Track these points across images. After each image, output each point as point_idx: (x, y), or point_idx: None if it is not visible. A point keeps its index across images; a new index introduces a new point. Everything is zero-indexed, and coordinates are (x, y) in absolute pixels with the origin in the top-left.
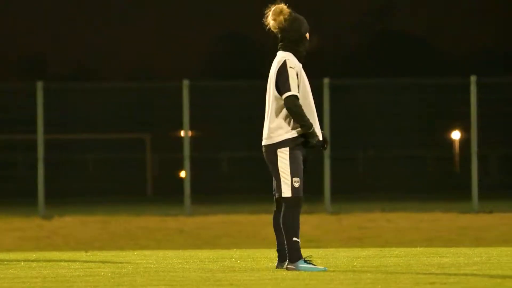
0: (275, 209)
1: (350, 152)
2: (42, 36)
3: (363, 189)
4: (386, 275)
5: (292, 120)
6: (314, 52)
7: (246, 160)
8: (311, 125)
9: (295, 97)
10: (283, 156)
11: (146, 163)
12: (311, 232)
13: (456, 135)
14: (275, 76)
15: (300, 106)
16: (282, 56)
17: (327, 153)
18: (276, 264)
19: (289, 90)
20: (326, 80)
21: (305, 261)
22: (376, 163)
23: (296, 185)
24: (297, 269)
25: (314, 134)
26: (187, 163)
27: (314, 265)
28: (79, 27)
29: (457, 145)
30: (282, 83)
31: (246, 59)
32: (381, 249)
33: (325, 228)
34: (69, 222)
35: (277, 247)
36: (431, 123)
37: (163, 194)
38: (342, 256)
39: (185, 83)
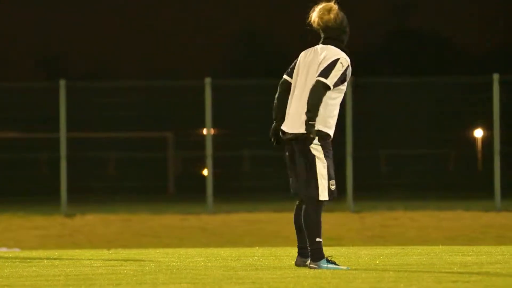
0: (297, 205)
1: (372, 151)
2: (65, 35)
3: (385, 187)
4: (408, 273)
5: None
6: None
7: (268, 159)
8: (315, 120)
9: (326, 87)
10: (319, 156)
11: (168, 161)
12: (334, 230)
13: (478, 133)
14: (324, 63)
15: (322, 97)
16: (335, 51)
17: (349, 151)
18: (296, 260)
19: (327, 78)
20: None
21: (328, 261)
22: (399, 162)
23: (333, 187)
24: (319, 268)
25: (313, 127)
26: (209, 161)
27: (337, 264)
28: (101, 25)
29: (479, 143)
30: (326, 70)
31: (268, 58)
32: (403, 247)
33: (347, 227)
34: (91, 220)
35: (299, 244)
36: (454, 121)
37: (185, 193)
38: (364, 254)
39: (208, 81)
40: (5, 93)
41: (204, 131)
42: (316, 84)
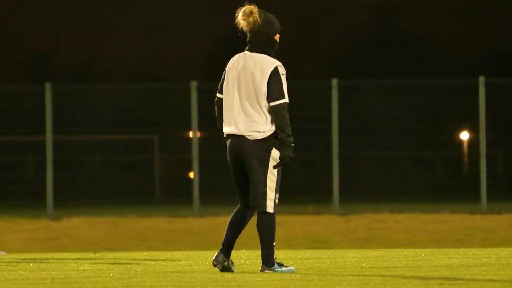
0: (240, 208)
1: (358, 153)
2: (49, 37)
3: (371, 190)
4: (395, 276)
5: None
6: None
7: None
8: (291, 139)
9: (285, 106)
10: (272, 170)
11: (154, 164)
12: (320, 233)
13: (464, 136)
14: (265, 78)
15: (287, 116)
16: (269, 60)
17: (335, 154)
18: (218, 257)
19: (284, 97)
20: (334, 81)
21: (277, 264)
22: (385, 164)
23: (277, 201)
24: (274, 271)
25: (291, 147)
26: (195, 164)
27: (286, 266)
28: (86, 28)
29: (465, 146)
30: (277, 89)
31: None
32: (389, 250)
33: (333, 229)
34: (78, 223)
35: (225, 240)
36: (440, 124)
37: (171, 195)
38: (350, 257)
39: (193, 84)
40: None
41: (190, 134)
42: (277, 108)
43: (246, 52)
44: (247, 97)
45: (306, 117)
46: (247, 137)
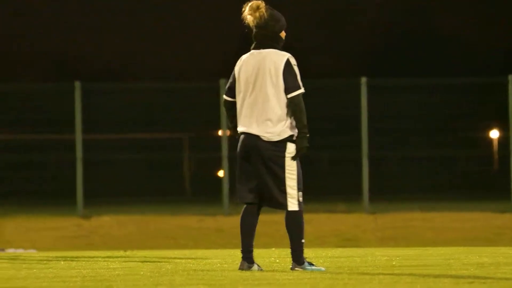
0: (248, 209)
1: (388, 151)
2: (80, 36)
3: (401, 188)
4: (425, 274)
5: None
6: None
7: None
8: (307, 129)
9: (301, 96)
10: (291, 165)
11: (184, 162)
12: (350, 231)
13: (494, 134)
14: (280, 72)
15: (303, 105)
16: (279, 53)
17: (365, 152)
18: (243, 266)
19: (300, 88)
20: (363, 79)
21: (308, 263)
22: (414, 162)
23: (301, 199)
24: (304, 269)
25: (306, 137)
26: (225, 162)
27: (315, 265)
28: (116, 27)
29: (495, 144)
30: (292, 80)
31: None
32: (419, 248)
33: (363, 228)
34: (107, 222)
35: (244, 248)
36: (470, 122)
37: (201, 194)
38: (380, 255)
39: (222, 82)
40: (21, 95)
41: (220, 132)
42: (295, 99)
43: (253, 51)
44: (262, 95)
45: (335, 116)
46: (262, 137)
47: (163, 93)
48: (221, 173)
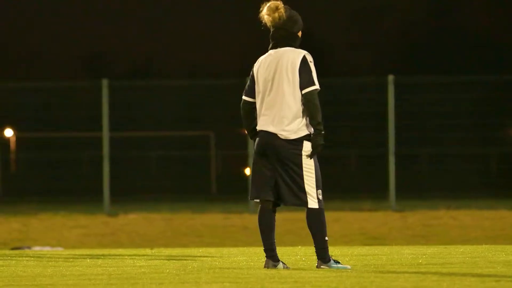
0: (264, 207)
1: (414, 149)
2: (107, 34)
3: (427, 186)
4: (451, 273)
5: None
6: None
7: None
8: (322, 126)
9: (316, 92)
10: (308, 163)
11: (210, 160)
12: (376, 229)
13: None
14: (296, 69)
15: (318, 102)
16: (295, 51)
17: (391, 150)
18: (268, 264)
19: (315, 84)
20: (390, 77)
21: (333, 260)
22: (441, 160)
23: (320, 197)
24: (330, 267)
25: (322, 134)
26: (251, 160)
27: (341, 264)
28: (144, 25)
29: None
30: (307, 76)
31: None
32: (446, 246)
33: (389, 226)
34: (134, 220)
35: (266, 247)
36: (497, 120)
37: (227, 192)
38: (407, 253)
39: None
40: (48, 93)
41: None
42: (309, 95)
43: (270, 51)
44: (279, 93)
45: (363, 114)
46: (279, 135)
47: (190, 91)
48: (247, 171)
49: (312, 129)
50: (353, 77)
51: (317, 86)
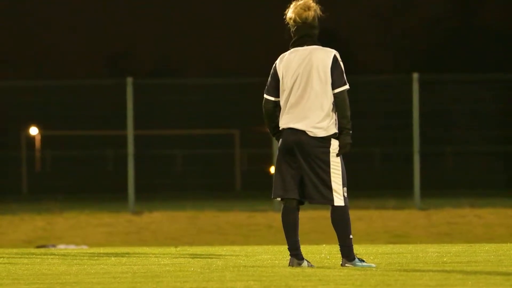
0: (288, 206)
1: (439, 147)
2: (132, 32)
3: (452, 184)
4: (476, 271)
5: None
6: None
7: None
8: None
9: (347, 92)
10: (336, 161)
11: (235, 158)
12: (400, 227)
13: None
14: (328, 68)
15: (348, 102)
16: (326, 50)
17: (416, 148)
18: (292, 263)
19: (346, 84)
20: (415, 75)
21: (358, 259)
22: (466, 158)
23: (346, 194)
24: (355, 265)
25: (350, 134)
26: (276, 158)
27: (366, 262)
28: (168, 23)
29: None
30: (339, 76)
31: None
32: (470, 245)
33: (414, 224)
34: (158, 218)
35: (290, 245)
36: None
37: (252, 189)
38: (431, 251)
39: None
40: (72, 91)
41: None
42: (341, 95)
43: (296, 48)
44: (309, 91)
45: (387, 112)
46: (308, 133)
47: (214, 89)
48: (272, 169)
49: (339, 128)
50: (377, 75)
51: (347, 86)
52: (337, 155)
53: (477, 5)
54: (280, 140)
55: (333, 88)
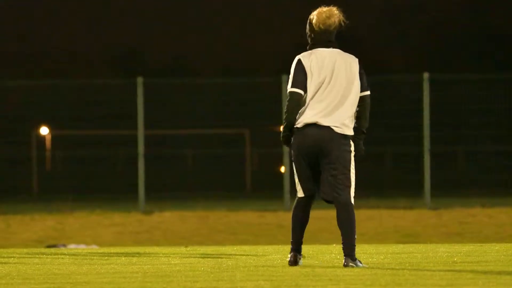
0: (302, 201)
1: (449, 147)
2: (141, 32)
3: (463, 184)
4: (486, 271)
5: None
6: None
7: None
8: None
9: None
10: (353, 160)
11: (245, 158)
12: (411, 227)
13: None
14: (356, 71)
15: None
16: (351, 55)
17: (426, 148)
18: (292, 258)
19: (369, 89)
20: (425, 75)
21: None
22: (476, 158)
23: (353, 193)
24: (357, 266)
25: (363, 139)
26: (286, 158)
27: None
28: (178, 22)
29: None
30: (364, 81)
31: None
32: (481, 244)
33: (424, 223)
34: (169, 217)
35: (295, 239)
36: None
37: (262, 189)
38: (442, 251)
39: (285, 78)
40: (83, 91)
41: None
42: (367, 99)
43: (323, 49)
44: (339, 90)
45: (398, 111)
46: (334, 128)
47: (225, 88)
48: (282, 169)
49: (357, 130)
50: (388, 75)
51: (369, 91)
52: (355, 155)
53: (488, 5)
54: (299, 136)
55: (362, 91)
